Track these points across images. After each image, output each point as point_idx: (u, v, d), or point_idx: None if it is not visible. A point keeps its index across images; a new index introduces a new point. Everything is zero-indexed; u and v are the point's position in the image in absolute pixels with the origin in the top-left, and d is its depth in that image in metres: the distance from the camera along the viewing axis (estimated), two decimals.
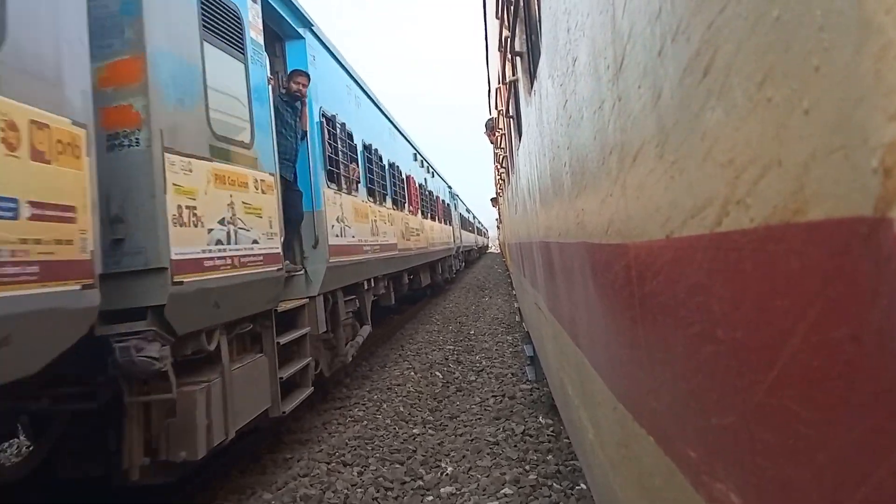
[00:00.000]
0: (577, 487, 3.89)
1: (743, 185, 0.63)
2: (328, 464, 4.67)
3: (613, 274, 1.30)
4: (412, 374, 7.60)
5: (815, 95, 0.48)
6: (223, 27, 4.14)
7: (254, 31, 4.70)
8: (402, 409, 6.08)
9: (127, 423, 3.29)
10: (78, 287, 2.63)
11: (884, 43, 0.40)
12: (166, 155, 3.27)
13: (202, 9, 3.87)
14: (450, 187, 23.50)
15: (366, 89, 9.14)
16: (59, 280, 2.53)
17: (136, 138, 3.18)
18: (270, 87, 4.96)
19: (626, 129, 1.07)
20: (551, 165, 2.35)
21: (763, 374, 0.62)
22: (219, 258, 3.73)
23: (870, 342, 0.45)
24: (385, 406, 6.21)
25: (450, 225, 21.32)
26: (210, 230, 3.66)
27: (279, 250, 4.69)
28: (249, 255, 4.15)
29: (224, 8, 4.18)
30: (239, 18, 4.41)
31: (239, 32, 4.38)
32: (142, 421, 3.33)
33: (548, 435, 4.92)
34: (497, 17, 4.48)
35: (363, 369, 8.17)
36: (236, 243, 3.97)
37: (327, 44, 7.09)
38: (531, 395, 6.16)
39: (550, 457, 4.45)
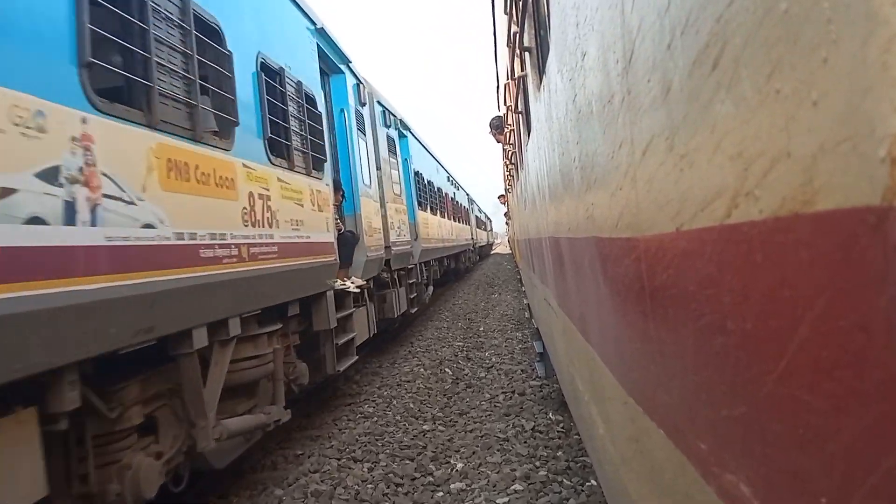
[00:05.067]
0: (587, 484, 3.89)
1: (752, 177, 0.63)
2: (339, 460, 4.70)
3: (623, 268, 1.30)
4: (422, 370, 7.62)
5: (823, 87, 0.49)
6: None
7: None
8: (412, 405, 6.11)
9: (370, 303, 7.55)
10: (383, 252, 8.32)
11: (890, 34, 0.40)
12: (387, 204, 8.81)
13: (387, 142, 9.67)
14: (468, 194, 28.66)
15: (426, 147, 15.22)
16: (381, 250, 8.22)
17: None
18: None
19: (635, 122, 1.08)
20: (560, 160, 2.35)
21: (773, 365, 0.63)
22: (397, 241, 9.19)
23: (878, 331, 0.45)
24: (395, 402, 6.24)
25: (469, 225, 25.51)
26: (395, 230, 9.14)
27: (409, 239, 10.52)
28: (403, 241, 9.87)
29: (391, 139, 10.06)
30: (395, 142, 10.46)
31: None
32: (376, 302, 8.09)
33: (558, 431, 4.92)
34: (505, 13, 4.48)
35: (373, 366, 8.21)
36: (400, 235, 9.55)
37: (415, 134, 13.02)
38: (541, 391, 6.17)
39: (560, 453, 4.46)
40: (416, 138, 13.21)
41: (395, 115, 10.52)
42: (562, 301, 3.13)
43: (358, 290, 6.32)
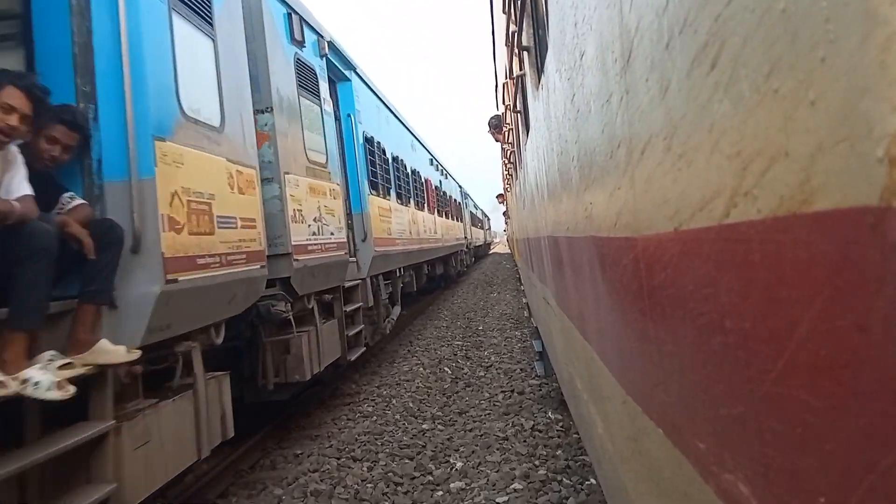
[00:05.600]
0: (586, 483, 3.89)
1: (750, 177, 0.63)
2: (338, 459, 4.70)
3: (622, 267, 1.31)
4: (421, 369, 7.62)
5: (821, 87, 0.49)
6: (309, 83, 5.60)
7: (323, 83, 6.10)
8: (411, 404, 6.10)
9: (261, 355, 4.74)
10: (260, 265, 4.02)
11: (888, 34, 0.40)
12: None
13: (297, 72, 5.34)
14: (461, 186, 24.38)
15: (391, 107, 10.08)
16: (254, 262, 3.91)
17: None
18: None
19: (634, 122, 1.08)
20: (559, 160, 2.35)
21: (771, 364, 0.63)
22: (312, 245, 5.16)
23: (876, 330, 0.45)
24: (394, 402, 6.24)
25: (461, 222, 21.62)
26: (308, 225, 5.10)
27: (346, 240, 6.21)
28: (329, 243, 5.62)
29: (308, 68, 5.65)
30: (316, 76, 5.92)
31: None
32: (271, 354, 4.76)
33: (557, 430, 4.92)
34: (504, 12, 4.48)
35: (372, 365, 8.21)
36: (322, 234, 5.42)
37: (367, 81, 8.20)
38: (540, 390, 6.17)
39: (560, 452, 4.46)
40: (369, 87, 8.54)
41: (320, 34, 6.16)
42: (560, 300, 3.13)
43: (66, 396, 2.42)
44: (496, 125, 9.99)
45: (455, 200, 20.88)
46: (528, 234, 6.37)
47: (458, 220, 20.75)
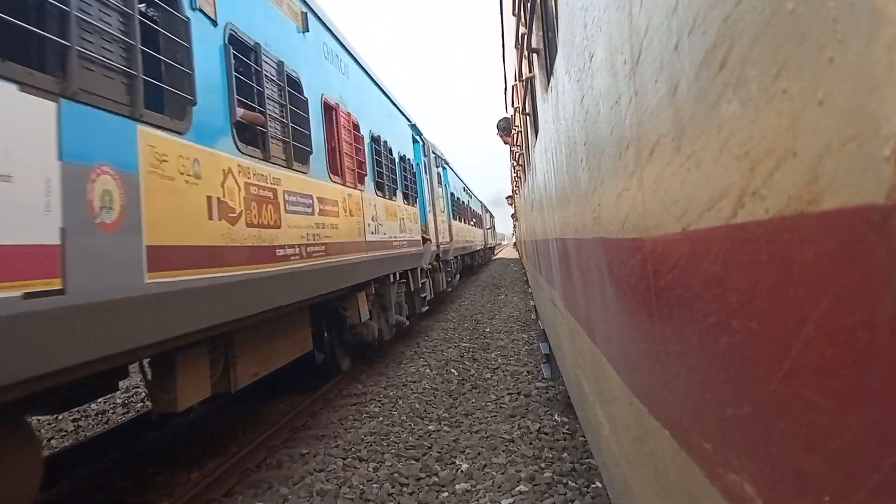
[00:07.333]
0: (592, 486, 3.88)
1: (758, 177, 0.63)
2: (344, 459, 4.71)
3: (630, 268, 1.31)
4: (428, 371, 7.62)
5: (829, 87, 0.49)
6: None
7: None
8: (417, 405, 6.11)
9: None
10: None
11: (895, 33, 0.41)
12: None
13: None
14: (419, 134, 12.57)
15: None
16: None
17: None
18: None
19: (642, 123, 1.08)
20: (568, 161, 2.35)
21: (778, 364, 0.63)
22: None
23: (882, 329, 0.46)
24: (401, 402, 6.24)
25: (413, 206, 10.91)
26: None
27: None
28: None
29: None
30: None
31: None
32: None
33: (563, 433, 4.91)
34: (514, 15, 4.48)
35: (379, 366, 8.22)
36: None
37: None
38: (547, 392, 6.16)
39: (566, 455, 4.45)
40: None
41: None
42: (568, 302, 3.12)
43: None
44: (505, 128, 9.98)
45: (407, 160, 11.08)
46: (535, 236, 6.37)
47: (410, 203, 10.81)
